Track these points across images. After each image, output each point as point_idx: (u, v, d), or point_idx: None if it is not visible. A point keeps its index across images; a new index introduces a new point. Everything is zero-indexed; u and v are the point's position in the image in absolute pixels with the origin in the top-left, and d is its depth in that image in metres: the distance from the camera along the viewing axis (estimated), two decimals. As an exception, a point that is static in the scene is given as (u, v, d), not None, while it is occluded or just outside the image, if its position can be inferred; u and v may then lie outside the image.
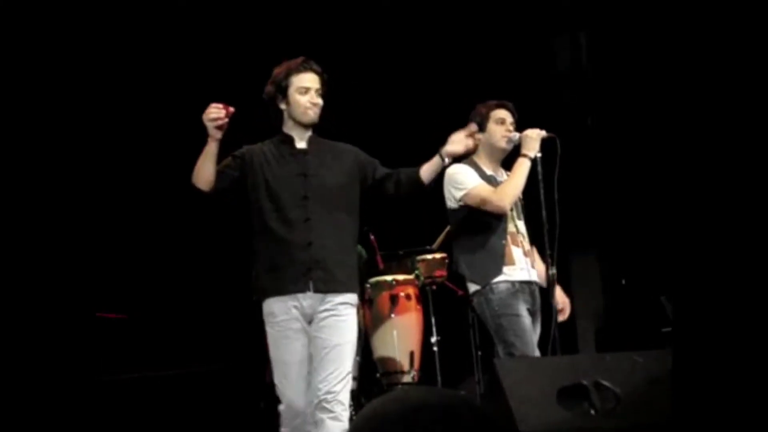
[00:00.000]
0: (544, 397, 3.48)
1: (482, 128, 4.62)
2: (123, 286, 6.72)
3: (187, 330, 6.74)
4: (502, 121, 4.60)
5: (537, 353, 4.38)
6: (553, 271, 4.38)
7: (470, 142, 4.13)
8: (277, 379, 3.95)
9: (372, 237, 5.96)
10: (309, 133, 4.09)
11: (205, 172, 3.91)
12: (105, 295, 6.63)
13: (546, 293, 4.51)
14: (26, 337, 6.18)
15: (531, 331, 4.42)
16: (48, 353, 6.24)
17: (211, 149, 3.86)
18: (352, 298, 3.98)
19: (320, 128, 4.14)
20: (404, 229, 6.47)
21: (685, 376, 2.30)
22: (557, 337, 4.33)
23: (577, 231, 6.48)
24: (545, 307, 4.53)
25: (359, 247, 6.18)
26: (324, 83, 4.06)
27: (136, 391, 6.39)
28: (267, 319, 3.96)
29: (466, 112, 4.68)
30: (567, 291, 4.75)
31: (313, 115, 4.03)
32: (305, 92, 4.01)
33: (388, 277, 5.78)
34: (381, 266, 6.01)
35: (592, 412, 3.50)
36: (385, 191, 4.14)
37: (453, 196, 4.55)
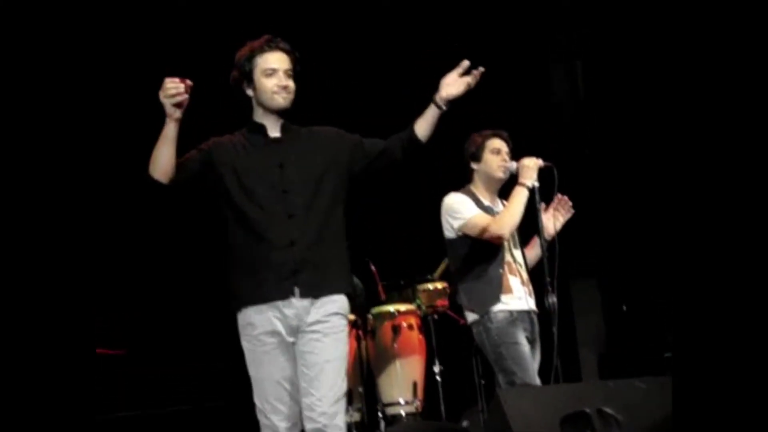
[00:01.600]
0: (547, 425, 3.50)
1: (478, 158, 4.65)
2: (123, 320, 6.70)
3: (187, 365, 6.71)
4: (498, 151, 4.62)
5: (537, 381, 4.39)
6: (554, 299, 4.39)
7: (470, 80, 3.58)
8: (258, 400, 3.51)
9: (373, 267, 5.98)
10: (282, 120, 3.67)
11: (162, 159, 3.43)
12: (104, 331, 6.58)
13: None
14: (22, 373, 6.11)
15: (530, 359, 4.43)
16: (45, 391, 6.17)
17: (169, 132, 3.40)
18: (344, 305, 3.57)
19: (297, 115, 3.72)
20: (405, 259, 6.49)
21: (685, 402, 2.32)
22: (559, 365, 4.33)
23: (577, 259, 6.51)
24: (544, 335, 4.54)
25: (355, 279, 6.20)
26: (295, 62, 3.63)
27: (136, 430, 6.35)
28: (243, 331, 3.53)
29: (461, 141, 4.72)
30: (568, 319, 4.77)
31: (281, 100, 3.59)
32: (272, 74, 3.58)
33: (390, 308, 5.78)
34: (383, 296, 6.02)
35: (595, 439, 3.51)
36: (391, 160, 3.68)
37: (451, 225, 4.57)
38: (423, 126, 3.62)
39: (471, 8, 6.76)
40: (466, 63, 3.59)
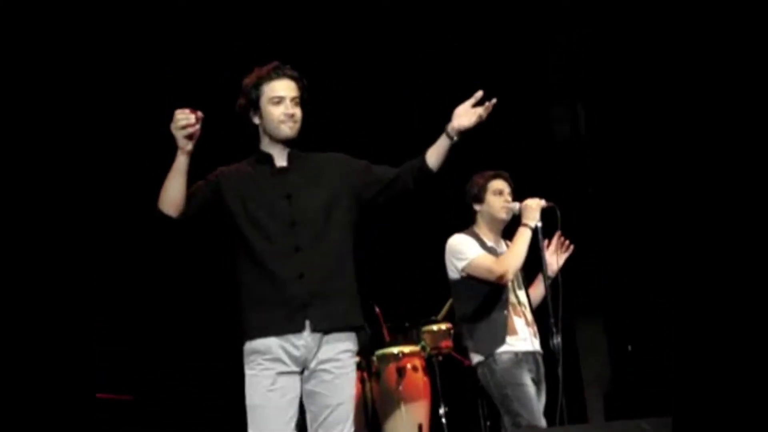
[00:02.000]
0: (552, 467, 3.48)
1: (480, 199, 4.67)
2: (127, 362, 6.67)
3: (195, 410, 6.67)
4: (500, 192, 4.64)
5: (543, 422, 4.37)
6: (558, 340, 4.38)
7: (482, 112, 3.44)
8: (255, 430, 3.37)
9: (377, 309, 5.98)
10: (289, 149, 3.57)
11: (173, 193, 3.36)
12: (106, 374, 6.55)
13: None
14: (23, 419, 6.08)
15: (536, 400, 4.42)
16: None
17: (181, 164, 3.33)
18: (354, 342, 3.50)
19: (303, 140, 3.61)
20: (409, 301, 6.49)
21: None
22: (564, 406, 4.31)
23: (581, 299, 6.49)
24: (550, 376, 4.53)
25: None
26: (302, 89, 3.56)
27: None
28: (249, 359, 3.41)
29: (463, 181, 4.73)
30: (574, 359, 4.75)
31: (288, 130, 3.51)
32: (278, 102, 3.49)
33: (395, 349, 5.76)
34: (387, 338, 6.01)
35: (602, 481, 3.49)
36: (403, 189, 3.55)
37: (455, 266, 4.58)
38: (434, 156, 3.50)
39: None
40: (479, 93, 3.48)
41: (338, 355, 3.43)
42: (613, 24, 6.82)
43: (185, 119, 3.26)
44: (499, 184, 4.66)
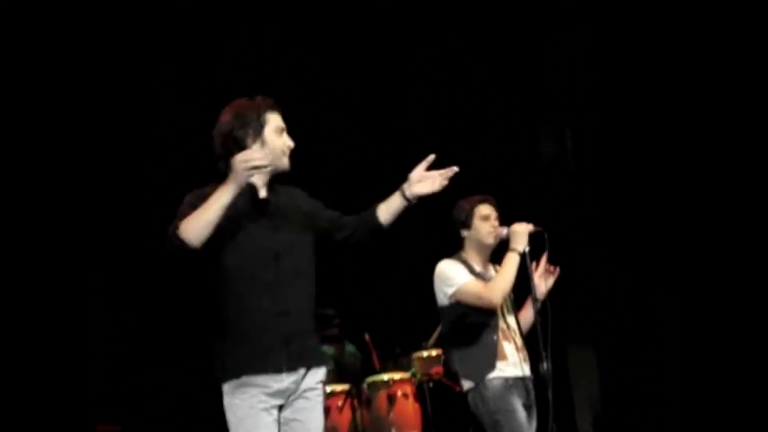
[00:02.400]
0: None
1: (467, 225, 4.66)
2: (123, 394, 6.64)
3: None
4: (487, 217, 4.64)
5: (534, 447, 4.37)
6: (548, 365, 4.36)
7: (444, 180, 3.46)
8: None
9: (367, 337, 5.97)
10: (272, 181, 3.51)
11: (208, 226, 3.24)
12: (104, 405, 6.52)
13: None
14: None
15: (527, 425, 4.41)
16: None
17: (228, 199, 3.25)
18: (323, 374, 3.48)
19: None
20: (399, 328, 6.48)
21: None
22: (555, 431, 4.31)
23: (573, 323, 6.49)
24: (540, 400, 4.52)
25: (351, 346, 6.17)
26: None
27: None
28: (236, 392, 3.33)
29: (450, 207, 4.72)
30: (565, 382, 4.73)
31: (287, 162, 3.49)
32: (281, 133, 3.47)
33: (385, 376, 5.76)
34: (377, 366, 6.01)
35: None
36: (358, 241, 3.57)
37: (444, 292, 4.57)
38: (387, 215, 3.51)
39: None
40: (431, 157, 3.48)
41: (316, 384, 3.43)
42: (607, 37, 6.87)
43: (261, 162, 3.23)
44: (485, 210, 4.66)
